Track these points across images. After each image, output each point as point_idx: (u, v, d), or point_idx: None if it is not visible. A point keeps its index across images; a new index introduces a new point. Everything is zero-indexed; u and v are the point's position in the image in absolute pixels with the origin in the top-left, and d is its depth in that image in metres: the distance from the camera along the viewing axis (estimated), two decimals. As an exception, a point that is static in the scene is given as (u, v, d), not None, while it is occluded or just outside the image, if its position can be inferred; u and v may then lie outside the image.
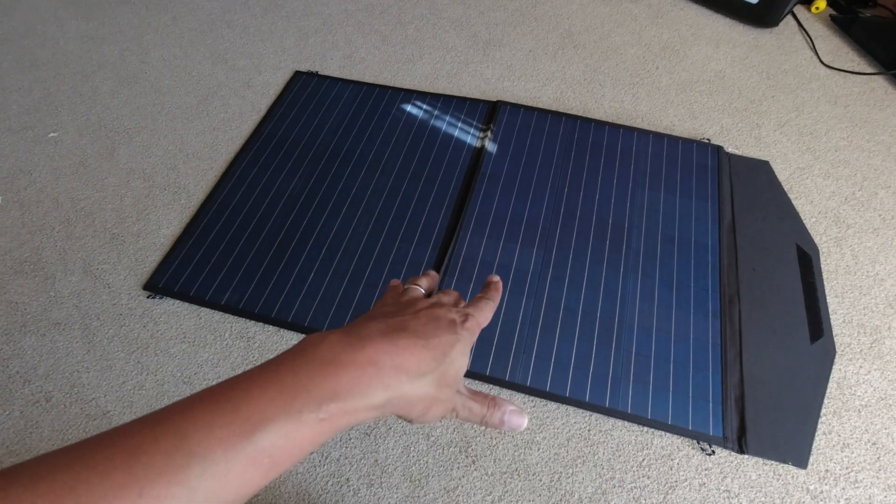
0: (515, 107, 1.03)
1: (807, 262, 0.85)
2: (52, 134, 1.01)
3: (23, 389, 0.74)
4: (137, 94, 1.08)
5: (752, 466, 0.69)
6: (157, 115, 1.05)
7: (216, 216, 0.90)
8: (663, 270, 0.83)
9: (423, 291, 0.35)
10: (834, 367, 0.76)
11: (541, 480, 0.68)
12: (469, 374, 0.74)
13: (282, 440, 0.22)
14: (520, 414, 0.33)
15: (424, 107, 1.05)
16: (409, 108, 1.04)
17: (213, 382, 0.72)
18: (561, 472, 0.68)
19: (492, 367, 0.74)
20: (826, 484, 0.68)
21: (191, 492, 0.20)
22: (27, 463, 0.20)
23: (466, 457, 0.69)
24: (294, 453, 0.23)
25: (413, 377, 0.26)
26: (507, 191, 0.92)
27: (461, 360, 0.30)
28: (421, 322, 0.29)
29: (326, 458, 0.69)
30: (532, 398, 0.73)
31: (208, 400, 0.23)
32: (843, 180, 0.96)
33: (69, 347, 0.77)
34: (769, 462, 0.69)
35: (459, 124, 1.01)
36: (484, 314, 0.35)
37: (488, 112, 1.03)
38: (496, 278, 0.39)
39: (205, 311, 0.81)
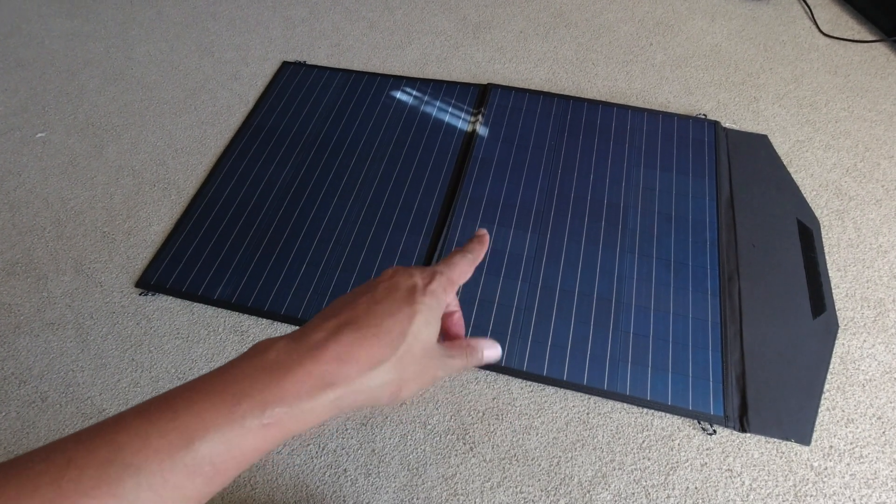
0: (506, 89, 1.01)
1: (808, 237, 0.84)
2: (39, 134, 1.01)
3: (18, 390, 0.74)
4: (124, 91, 1.07)
5: (754, 445, 0.68)
6: (145, 110, 1.04)
7: (206, 210, 0.89)
8: (661, 249, 0.82)
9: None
10: (837, 341, 0.75)
11: (540, 465, 0.67)
12: (465, 361, 0.73)
13: (223, 448, 0.21)
14: (494, 345, 0.32)
15: (414, 93, 1.03)
16: (398, 94, 1.03)
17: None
18: (560, 457, 0.68)
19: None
20: (830, 460, 0.66)
21: (136, 485, 0.20)
22: None
23: (464, 444, 0.69)
24: (239, 461, 0.22)
25: (364, 370, 0.25)
26: (499, 174, 0.90)
27: (427, 329, 0.28)
28: (373, 304, 0.27)
29: (323, 448, 0.69)
30: (529, 383, 0.72)
31: (148, 410, 0.22)
32: (844, 152, 0.94)
33: (63, 347, 0.77)
34: (772, 440, 0.68)
35: (450, 109, 1.00)
36: (458, 269, 0.32)
37: (479, 95, 1.01)
38: (482, 231, 0.36)
39: (198, 307, 0.80)
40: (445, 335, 0.34)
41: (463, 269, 0.32)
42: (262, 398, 0.23)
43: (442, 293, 0.29)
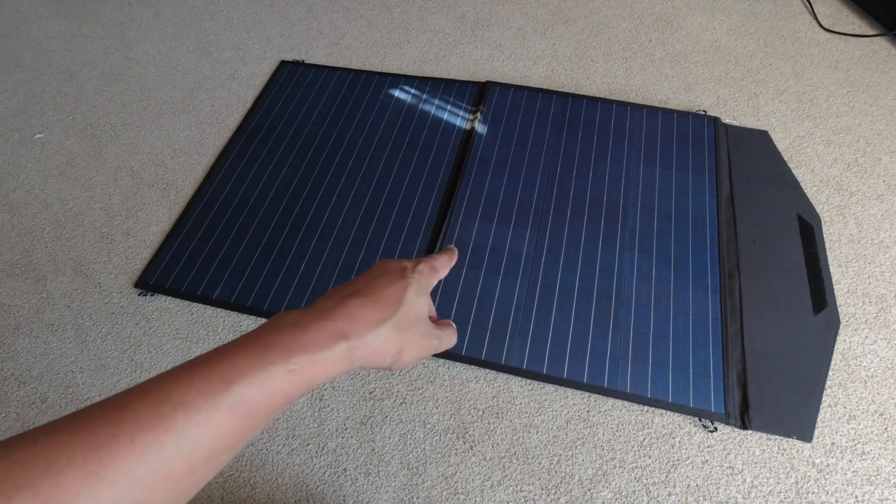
0: (505, 87, 1.01)
1: (809, 233, 0.83)
2: (38, 135, 1.01)
3: (18, 392, 0.74)
4: (122, 91, 1.07)
5: (755, 442, 0.67)
6: (143, 111, 1.04)
7: (205, 210, 0.89)
8: (660, 247, 0.81)
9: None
10: (838, 338, 0.74)
11: (540, 463, 0.67)
12: (463, 359, 0.73)
13: (256, 389, 0.25)
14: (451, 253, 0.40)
15: (413, 91, 1.03)
16: (397, 93, 1.02)
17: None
18: (560, 455, 0.67)
19: (487, 351, 0.73)
20: (832, 457, 0.66)
21: (177, 438, 0.22)
22: (31, 430, 0.22)
23: (464, 442, 0.69)
24: (270, 403, 0.25)
25: (371, 326, 0.29)
26: (498, 172, 0.90)
27: (418, 300, 0.33)
28: (371, 279, 0.32)
29: (323, 448, 0.69)
30: (529, 381, 0.72)
31: (188, 364, 0.25)
32: (845, 147, 0.93)
33: (63, 348, 0.77)
34: (773, 437, 0.67)
35: (448, 107, 0.99)
36: (438, 260, 0.37)
37: (477, 93, 1.01)
38: (451, 247, 0.42)
39: (197, 307, 0.80)
40: None
41: (442, 261, 0.38)
42: (286, 347, 0.26)
43: (428, 273, 0.35)
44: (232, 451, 0.25)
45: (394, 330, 0.30)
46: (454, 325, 0.38)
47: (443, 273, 0.37)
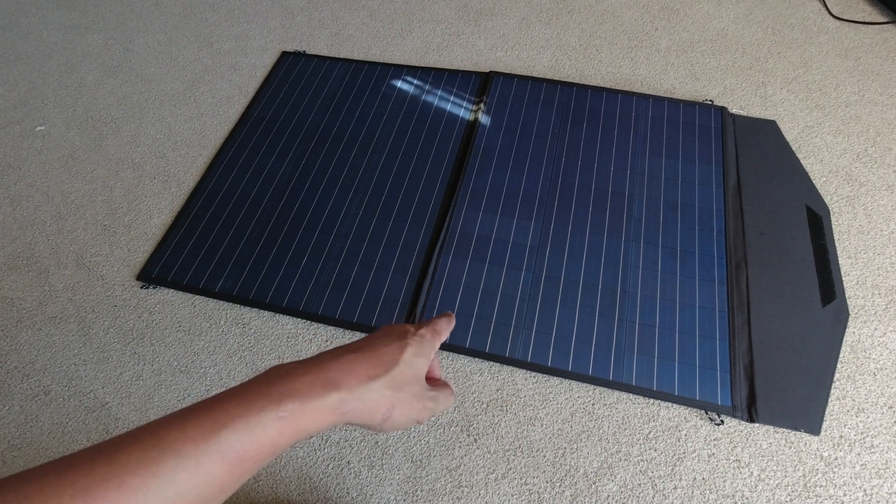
0: (509, 77, 1.00)
1: (817, 223, 0.82)
2: (39, 127, 1.00)
3: (21, 384, 0.74)
4: (123, 83, 1.06)
5: (762, 435, 0.67)
6: (144, 103, 1.03)
7: (207, 203, 0.89)
8: (667, 238, 0.80)
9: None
10: (847, 330, 0.73)
11: (545, 456, 0.66)
12: (467, 352, 0.72)
13: (246, 437, 0.25)
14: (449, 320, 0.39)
15: (415, 82, 1.01)
16: (399, 83, 1.01)
17: (210, 370, 0.71)
18: (565, 448, 0.67)
19: (491, 343, 0.72)
20: (840, 450, 0.65)
21: (165, 483, 0.23)
22: (21, 472, 0.23)
23: (468, 436, 0.68)
24: (258, 451, 0.26)
25: (363, 381, 0.29)
26: (502, 164, 0.89)
27: (416, 360, 0.33)
28: (372, 339, 0.33)
29: (326, 441, 0.68)
30: (534, 374, 0.72)
31: (184, 411, 0.26)
32: (854, 136, 0.92)
33: (65, 341, 0.77)
34: (781, 430, 0.67)
35: (451, 98, 0.98)
36: (440, 324, 0.37)
37: (481, 84, 1.00)
38: (449, 313, 0.42)
39: (199, 299, 0.80)
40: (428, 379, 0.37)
41: (444, 325, 0.38)
42: (277, 394, 0.27)
43: (429, 337, 0.35)
44: (216, 500, 0.25)
45: (386, 387, 0.30)
46: (451, 386, 0.38)
47: (444, 336, 0.37)
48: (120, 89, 1.05)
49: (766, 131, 0.92)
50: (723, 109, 0.93)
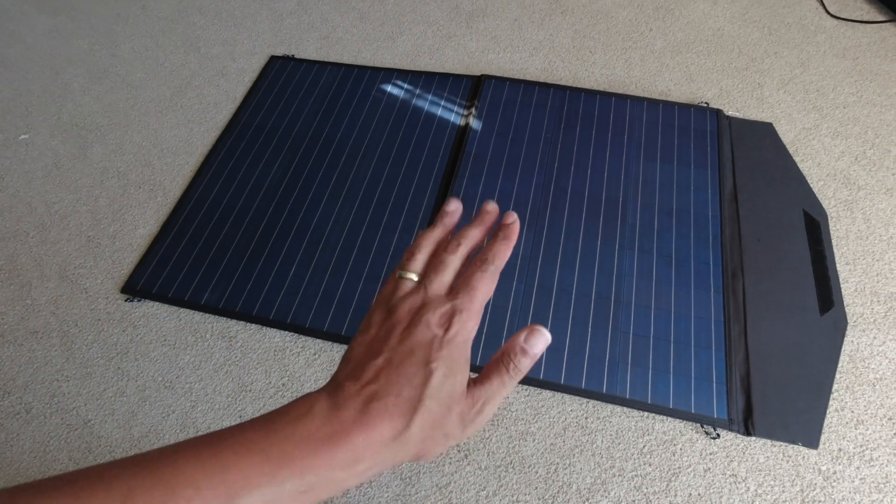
0: (501, 80, 0.98)
1: (815, 229, 0.80)
2: (23, 136, 0.98)
3: (2, 401, 0.72)
4: (109, 90, 1.04)
5: (759, 449, 0.65)
6: (130, 110, 1.01)
7: (193, 212, 0.87)
8: (661, 245, 0.79)
9: (416, 280, 0.31)
10: (846, 339, 0.72)
11: (537, 472, 0.65)
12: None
13: (275, 494, 0.24)
14: (536, 334, 0.29)
15: (406, 86, 1.00)
16: (389, 88, 1.00)
17: (196, 385, 0.69)
18: (558, 463, 0.65)
19: (482, 356, 0.71)
20: (839, 464, 0.64)
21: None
22: (23, 487, 0.21)
23: (458, 451, 0.67)
24: None
25: (388, 441, 0.26)
26: (493, 170, 0.87)
27: (447, 382, 0.27)
28: (394, 367, 0.28)
29: (314, 458, 0.67)
30: (525, 387, 0.70)
31: (197, 456, 0.24)
32: (852, 139, 0.90)
33: (48, 356, 0.75)
34: (778, 443, 0.65)
35: (442, 102, 0.96)
36: (479, 295, 0.29)
37: (472, 87, 0.98)
38: (492, 207, 0.33)
39: (184, 312, 0.78)
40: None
41: (485, 291, 0.30)
42: (301, 466, 0.24)
43: (463, 334, 0.28)
44: None
45: (411, 438, 0.27)
46: (506, 379, 0.29)
47: (487, 299, 0.30)
48: (105, 96, 1.04)
49: (763, 134, 0.90)
50: (718, 112, 0.92)
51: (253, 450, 0.24)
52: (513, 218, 0.32)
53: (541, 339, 0.29)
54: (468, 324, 0.28)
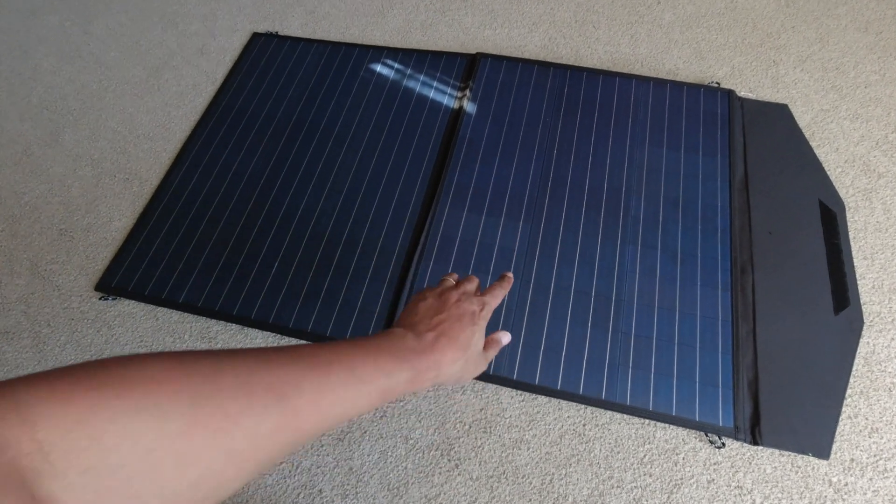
0: (497, 59, 0.91)
1: (831, 220, 0.75)
2: (-9, 121, 0.93)
3: (-28, 407, 0.69)
4: (81, 70, 0.98)
5: (766, 458, 0.62)
6: (104, 92, 0.96)
7: (171, 204, 0.82)
8: (666, 239, 0.74)
9: (453, 282, 0.49)
10: (861, 340, 0.68)
11: (531, 483, 0.62)
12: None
13: (389, 382, 0.35)
14: (504, 334, 0.51)
15: (396, 66, 0.93)
16: (378, 68, 0.93)
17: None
18: (553, 474, 0.62)
19: (474, 359, 0.67)
20: (851, 475, 0.60)
21: (358, 389, 0.33)
22: (269, 356, 0.31)
23: (449, 460, 0.63)
24: (388, 395, 0.36)
25: (450, 363, 0.40)
26: (488, 157, 0.82)
27: (479, 340, 0.45)
28: (454, 322, 0.43)
29: (297, 467, 0.64)
30: (520, 392, 0.66)
31: (362, 350, 0.36)
32: (874, 121, 0.84)
33: (18, 359, 0.72)
34: (787, 453, 0.62)
35: (435, 83, 0.90)
36: (496, 299, 0.49)
37: (467, 67, 0.91)
38: (510, 274, 0.55)
39: (162, 311, 0.74)
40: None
41: (499, 299, 0.50)
42: (408, 366, 0.37)
43: (487, 317, 0.46)
44: (347, 418, 0.33)
45: (461, 363, 0.42)
46: (499, 339, 0.50)
47: (502, 297, 0.51)
48: (78, 77, 0.98)
49: (778, 117, 0.84)
50: (730, 93, 0.86)
51: (382, 351, 0.37)
52: (510, 274, 0.55)
53: (504, 338, 0.51)
54: (490, 311, 0.47)
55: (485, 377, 0.66)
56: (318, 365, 0.32)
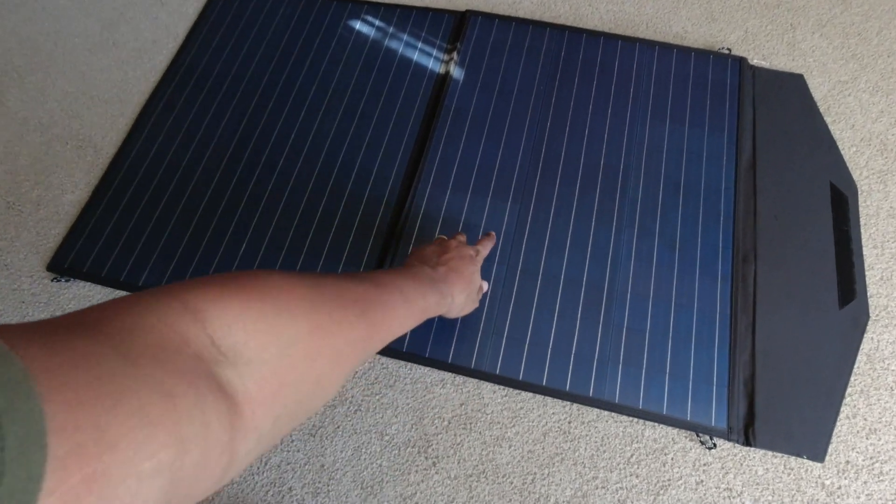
0: (488, 17, 0.83)
1: (842, 205, 0.70)
2: (-72, 78, 0.84)
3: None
4: (27, 21, 0.89)
5: (758, 460, 0.59)
6: (53, 48, 0.86)
7: (129, 175, 0.75)
8: (665, 224, 0.69)
9: (445, 238, 0.56)
10: (865, 335, 0.64)
11: (512, 483, 0.59)
12: (427, 361, 0.63)
13: (426, 302, 0.43)
14: (489, 240, 0.62)
15: (377, 23, 0.84)
16: (358, 25, 0.84)
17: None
18: (535, 473, 0.59)
19: (455, 352, 0.63)
20: (845, 477, 0.58)
21: (408, 308, 0.39)
22: (353, 281, 0.35)
23: (426, 458, 0.60)
24: (425, 314, 0.43)
25: (459, 294, 0.50)
26: (475, 130, 0.75)
27: (477, 278, 0.54)
28: (458, 262, 0.51)
29: (266, 464, 0.60)
30: (504, 388, 0.63)
31: (402, 276, 0.42)
32: (895, 95, 0.78)
33: (-34, 344, 0.66)
34: (780, 454, 0.59)
35: (419, 45, 0.82)
36: (486, 249, 0.60)
37: (455, 26, 0.83)
38: (492, 233, 0.64)
39: (121, 294, 0.69)
40: None
41: (489, 247, 0.61)
42: (433, 290, 0.45)
43: (480, 262, 0.56)
44: (396, 334, 0.37)
45: (465, 296, 0.51)
46: (483, 286, 0.60)
47: (490, 248, 0.61)
48: (23, 29, 0.88)
49: (791, 88, 0.78)
50: (741, 60, 0.78)
51: (417, 277, 0.44)
52: (493, 234, 0.64)
53: (485, 286, 0.62)
54: (482, 258, 0.57)
55: (466, 371, 0.62)
56: (381, 285, 0.37)
